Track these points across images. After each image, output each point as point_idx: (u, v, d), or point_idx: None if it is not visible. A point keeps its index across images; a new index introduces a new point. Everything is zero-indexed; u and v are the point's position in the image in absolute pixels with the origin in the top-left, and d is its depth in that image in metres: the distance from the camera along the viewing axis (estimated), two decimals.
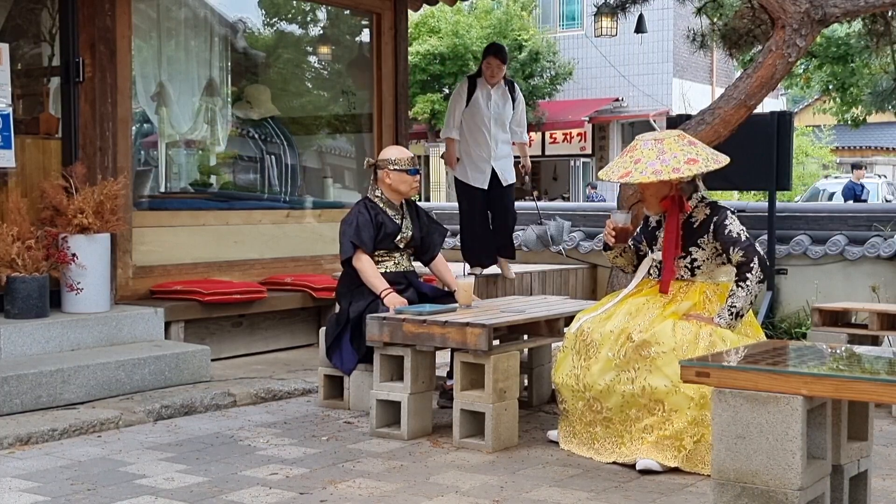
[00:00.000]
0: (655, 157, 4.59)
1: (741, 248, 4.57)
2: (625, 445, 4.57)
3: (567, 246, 9.44)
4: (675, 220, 4.74)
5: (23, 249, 5.84)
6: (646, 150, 4.65)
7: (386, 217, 5.66)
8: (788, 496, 3.18)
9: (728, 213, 4.69)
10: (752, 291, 4.53)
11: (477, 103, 7.69)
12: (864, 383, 3.13)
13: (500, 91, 7.74)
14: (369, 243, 5.55)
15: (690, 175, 4.61)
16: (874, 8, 6.64)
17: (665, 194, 4.75)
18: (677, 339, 4.47)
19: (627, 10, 10.37)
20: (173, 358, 5.92)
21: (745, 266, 4.56)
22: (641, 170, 4.58)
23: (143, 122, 7.88)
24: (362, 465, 4.52)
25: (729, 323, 4.52)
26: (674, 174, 4.54)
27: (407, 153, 5.82)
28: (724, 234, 4.63)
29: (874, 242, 8.15)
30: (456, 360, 4.97)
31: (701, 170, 4.58)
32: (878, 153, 30.18)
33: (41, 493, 4.05)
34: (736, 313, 4.53)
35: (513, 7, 24.29)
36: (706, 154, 4.65)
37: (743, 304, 4.53)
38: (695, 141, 4.76)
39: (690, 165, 4.56)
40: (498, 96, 7.75)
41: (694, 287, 4.72)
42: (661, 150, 4.61)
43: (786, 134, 8.39)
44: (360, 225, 5.56)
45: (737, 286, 4.56)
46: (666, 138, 4.69)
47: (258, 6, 8.83)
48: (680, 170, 4.55)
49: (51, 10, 6.87)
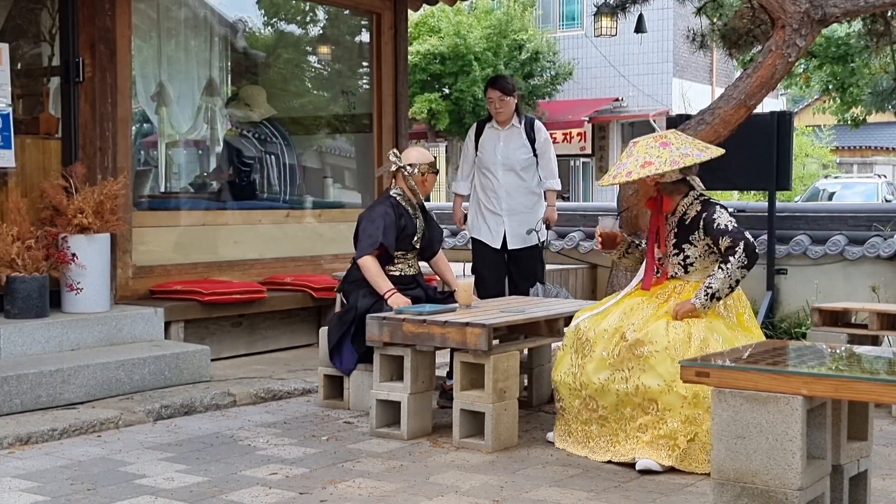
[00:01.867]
0: (625, 160, 4.73)
1: (729, 236, 4.59)
2: (619, 444, 4.58)
3: (568, 246, 9.51)
4: (655, 220, 4.85)
5: (23, 249, 5.85)
6: (625, 153, 4.79)
7: (408, 217, 5.65)
8: (788, 496, 3.18)
9: (717, 207, 4.70)
10: (732, 276, 4.53)
11: (484, 148, 6.58)
12: (864, 383, 3.13)
13: (513, 131, 6.55)
14: (394, 245, 5.57)
15: (639, 178, 4.66)
16: (874, 8, 6.64)
17: (651, 195, 4.86)
18: (670, 338, 4.48)
19: (627, 10, 10.36)
20: (173, 358, 5.92)
21: (730, 251, 4.57)
22: (614, 173, 4.74)
23: (143, 121, 7.88)
24: (362, 465, 4.52)
25: (703, 303, 4.53)
26: (626, 178, 4.66)
27: (428, 154, 5.86)
28: (713, 227, 4.66)
29: (874, 242, 8.15)
30: (456, 360, 4.97)
31: (654, 171, 4.64)
32: (878, 153, 30.17)
33: (41, 493, 4.05)
34: (712, 294, 4.53)
35: (513, 7, 24.27)
36: (668, 156, 4.65)
37: (720, 287, 4.52)
38: (668, 142, 4.75)
39: (643, 168, 4.64)
40: (509, 137, 6.56)
41: (689, 287, 4.74)
42: (629, 152, 4.75)
43: (786, 134, 8.39)
44: (387, 225, 5.54)
45: (718, 268, 4.57)
46: (641, 141, 4.80)
47: (258, 6, 8.82)
48: (632, 173, 4.65)
49: (51, 10, 6.87)
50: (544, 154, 6.57)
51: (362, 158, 8.78)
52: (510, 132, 6.55)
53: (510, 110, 6.52)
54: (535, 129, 6.61)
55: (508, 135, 6.56)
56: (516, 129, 6.57)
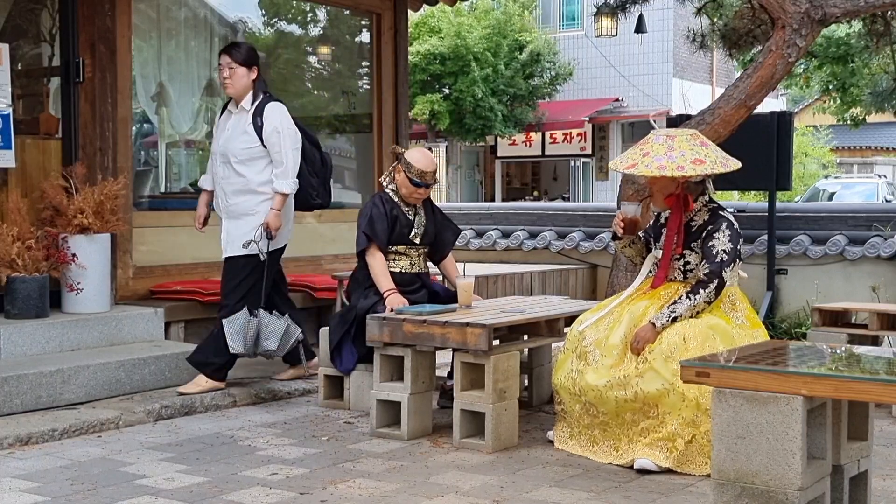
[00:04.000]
0: (664, 153, 4.58)
1: (709, 267, 4.60)
2: (622, 448, 4.58)
3: (569, 246, 9.51)
4: (677, 218, 4.75)
5: (23, 249, 5.85)
6: (656, 145, 4.64)
7: (400, 211, 5.60)
8: (788, 496, 3.18)
9: (723, 225, 4.66)
10: (696, 307, 4.55)
11: (215, 134, 5.79)
12: (864, 383, 3.13)
13: (241, 115, 5.65)
14: (382, 236, 5.50)
15: (695, 175, 4.60)
16: (874, 8, 6.65)
17: (671, 192, 4.75)
18: (667, 341, 4.47)
19: (627, 11, 10.38)
20: (173, 358, 5.92)
21: (703, 284, 4.58)
22: (647, 163, 4.58)
23: (143, 122, 7.88)
24: (362, 466, 4.52)
25: (664, 325, 4.53)
26: (677, 172, 4.54)
27: (428, 165, 5.53)
28: (708, 245, 4.65)
29: (874, 242, 8.15)
30: (456, 361, 4.97)
31: (706, 171, 4.56)
32: (878, 153, 30.16)
33: (41, 494, 4.05)
34: (674, 319, 4.54)
35: (513, 7, 24.28)
36: (715, 157, 4.62)
37: (683, 314, 4.54)
38: (707, 142, 4.73)
39: (696, 165, 4.55)
40: (237, 121, 5.65)
41: None
42: (670, 146, 4.60)
43: (786, 134, 8.39)
44: (374, 217, 5.50)
45: (686, 296, 4.57)
46: (678, 136, 4.68)
47: (258, 6, 8.82)
48: (684, 168, 4.54)
49: (51, 10, 6.87)
50: (273, 146, 5.58)
51: (362, 159, 8.77)
52: (239, 116, 5.67)
53: (240, 85, 5.60)
54: (263, 115, 5.59)
55: (237, 119, 5.68)
56: (245, 113, 5.65)
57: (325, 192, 6.04)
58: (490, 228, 10.38)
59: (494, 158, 28.69)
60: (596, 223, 9.70)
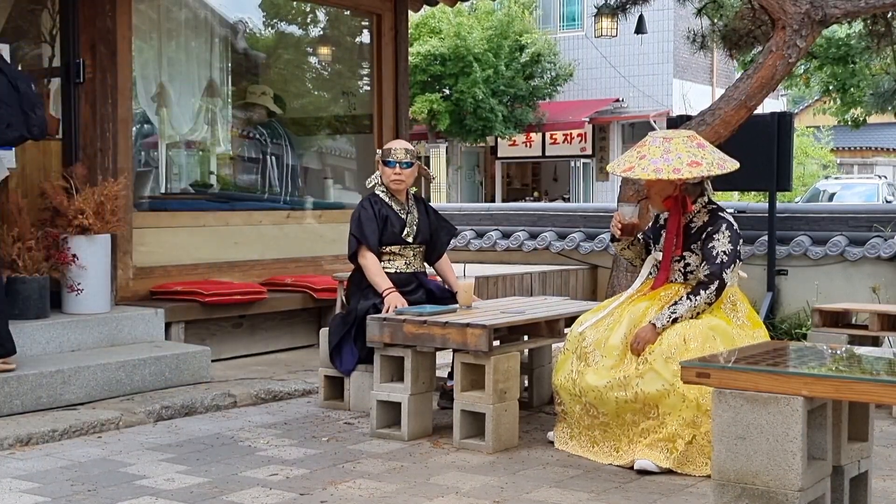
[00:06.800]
0: (660, 156, 4.58)
1: (709, 268, 4.60)
2: (623, 449, 4.58)
3: (569, 246, 9.51)
4: (676, 220, 4.75)
5: (23, 250, 5.85)
6: (652, 147, 4.64)
7: (391, 211, 5.60)
8: (789, 497, 3.18)
9: (723, 226, 4.66)
10: (696, 307, 4.55)
11: None
12: (865, 384, 3.13)
13: None
14: (372, 237, 5.51)
15: (691, 177, 4.60)
16: (875, 9, 6.65)
17: (669, 194, 4.75)
18: (668, 341, 4.47)
19: (627, 11, 10.38)
20: (173, 359, 5.92)
21: (703, 285, 4.58)
22: (644, 166, 4.58)
23: (143, 122, 7.87)
24: (363, 466, 4.52)
25: (664, 326, 4.53)
26: (674, 175, 4.53)
27: (398, 144, 5.68)
28: (708, 246, 4.64)
29: (874, 243, 8.15)
30: (456, 361, 4.97)
31: (703, 173, 4.57)
32: (878, 154, 30.17)
33: (41, 494, 4.05)
34: (674, 320, 4.54)
35: (514, 8, 24.28)
36: (712, 158, 4.62)
37: (683, 315, 4.54)
38: (704, 143, 4.72)
39: (692, 168, 4.54)
40: None
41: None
42: (666, 149, 4.60)
43: (786, 135, 8.39)
44: (363, 220, 5.52)
45: (687, 297, 4.57)
46: (675, 138, 4.67)
47: (259, 7, 8.83)
48: (681, 171, 4.54)
49: (51, 10, 6.87)
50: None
51: (363, 159, 8.77)
52: None
53: None
54: None
55: None
56: None
57: (26, 121, 5.17)
58: (490, 229, 10.38)
59: (495, 159, 28.70)
60: (596, 224, 9.70)
